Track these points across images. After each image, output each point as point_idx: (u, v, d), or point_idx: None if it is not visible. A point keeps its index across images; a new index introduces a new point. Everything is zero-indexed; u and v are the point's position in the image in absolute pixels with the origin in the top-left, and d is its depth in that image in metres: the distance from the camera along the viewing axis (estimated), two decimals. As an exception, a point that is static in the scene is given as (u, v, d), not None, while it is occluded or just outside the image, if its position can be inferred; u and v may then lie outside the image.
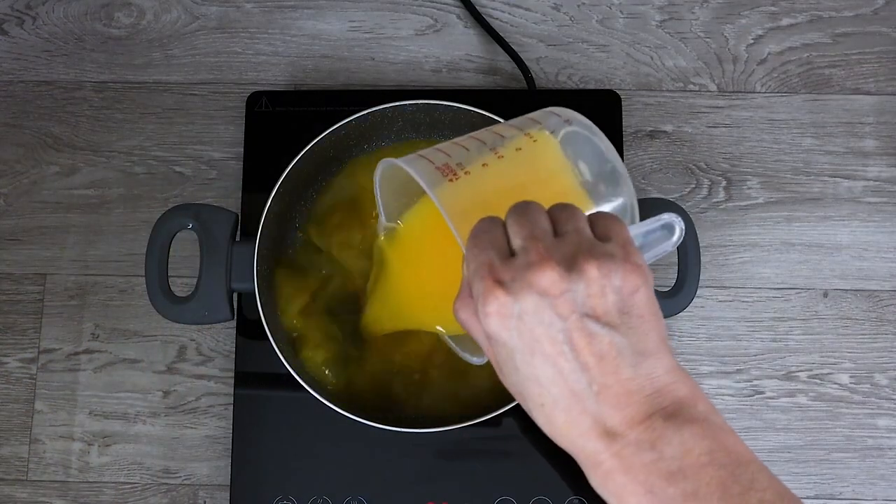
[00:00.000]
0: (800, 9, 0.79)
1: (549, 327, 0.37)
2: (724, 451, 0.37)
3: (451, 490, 0.67)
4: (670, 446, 0.36)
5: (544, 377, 0.38)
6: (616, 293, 0.37)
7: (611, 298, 0.37)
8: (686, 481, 0.36)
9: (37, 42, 0.79)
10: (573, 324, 0.37)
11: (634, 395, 0.37)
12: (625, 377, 0.37)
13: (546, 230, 0.39)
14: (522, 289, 0.37)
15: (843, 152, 0.76)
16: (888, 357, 0.72)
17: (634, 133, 0.76)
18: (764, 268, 0.73)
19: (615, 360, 0.37)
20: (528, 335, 0.38)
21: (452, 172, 0.45)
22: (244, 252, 0.63)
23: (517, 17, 0.79)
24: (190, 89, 0.78)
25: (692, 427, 0.37)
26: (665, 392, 0.38)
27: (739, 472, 0.37)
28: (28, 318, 0.73)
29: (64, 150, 0.77)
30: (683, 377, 0.38)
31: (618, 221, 0.40)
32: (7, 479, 0.71)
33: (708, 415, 0.38)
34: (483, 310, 0.38)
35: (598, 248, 0.38)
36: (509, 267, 0.38)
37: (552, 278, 0.37)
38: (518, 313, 0.37)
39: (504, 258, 0.38)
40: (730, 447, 0.37)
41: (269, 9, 0.79)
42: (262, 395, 0.69)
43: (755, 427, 0.71)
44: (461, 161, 0.46)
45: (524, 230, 0.39)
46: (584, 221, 0.40)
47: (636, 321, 0.38)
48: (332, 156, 0.68)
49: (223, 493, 0.70)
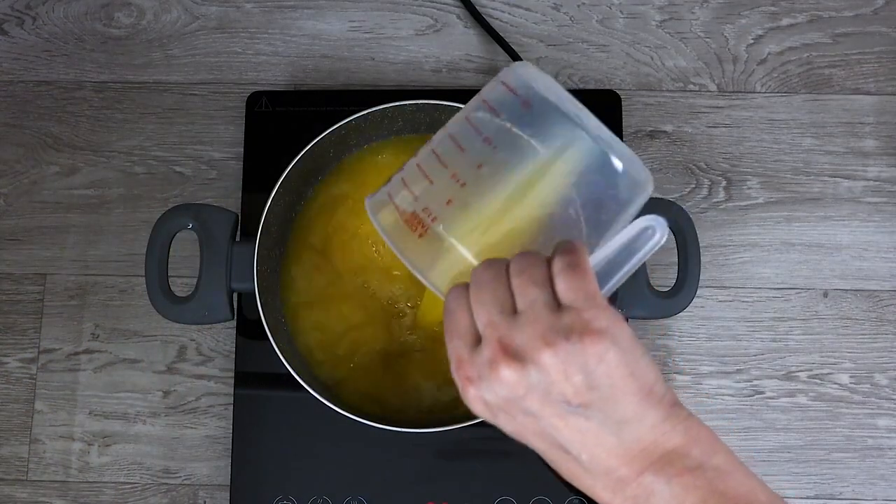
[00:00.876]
0: (800, 9, 0.79)
1: (525, 421, 0.39)
2: (718, 498, 0.37)
3: (451, 490, 0.67)
4: (662, 500, 0.37)
5: (541, 449, 0.40)
6: (581, 371, 0.37)
7: (576, 379, 0.37)
8: None
9: (37, 42, 0.79)
10: (546, 414, 0.38)
11: (623, 458, 0.38)
12: (610, 446, 0.38)
13: (504, 306, 0.39)
14: (491, 387, 0.38)
15: (843, 152, 0.76)
16: (888, 357, 0.72)
17: (634, 133, 0.76)
18: (764, 268, 0.73)
19: (596, 434, 0.38)
20: (511, 423, 0.40)
21: (420, 224, 0.43)
22: (244, 252, 0.63)
23: (517, 17, 0.79)
24: (190, 89, 0.78)
25: (682, 478, 0.37)
26: (654, 448, 0.38)
27: None
28: (28, 318, 0.73)
29: (64, 150, 0.77)
30: (674, 425, 0.38)
31: (580, 273, 0.39)
32: (7, 479, 0.71)
33: (703, 461, 0.38)
34: (465, 398, 0.40)
35: (555, 328, 0.37)
36: (475, 363, 0.39)
37: (511, 380, 0.38)
38: (494, 407, 0.39)
39: (471, 349, 0.40)
40: (727, 491, 0.37)
41: (269, 9, 0.79)
42: (262, 395, 0.69)
43: (755, 427, 0.71)
44: (427, 204, 0.44)
45: (483, 314, 0.39)
46: (541, 285, 0.39)
47: (608, 391, 0.37)
48: (332, 156, 0.68)
49: (223, 493, 0.70)
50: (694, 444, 0.38)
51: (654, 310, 0.62)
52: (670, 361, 0.72)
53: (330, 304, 0.67)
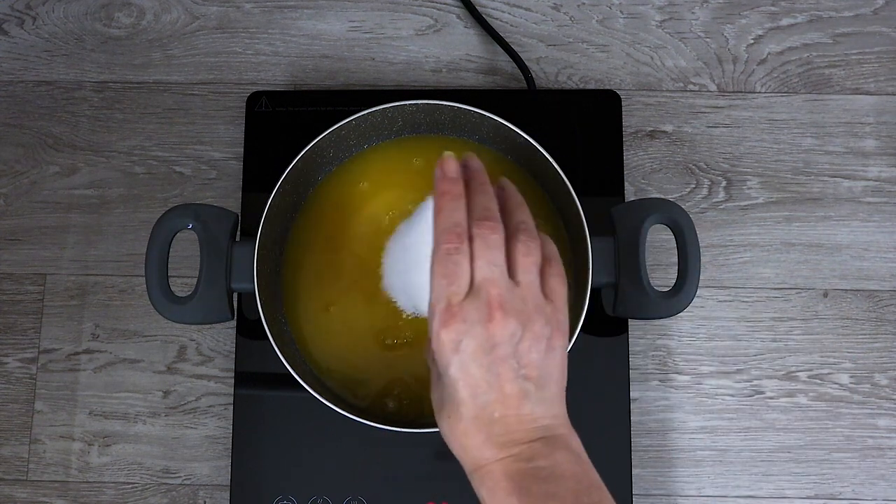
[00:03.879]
0: (800, 9, 0.79)
1: (484, 363, 0.45)
2: (585, 475, 0.45)
3: (451, 490, 0.67)
4: (544, 461, 0.44)
5: (461, 398, 0.45)
6: (540, 352, 0.45)
7: (535, 356, 0.45)
8: (550, 484, 0.44)
9: (37, 42, 0.79)
10: (503, 367, 0.45)
11: (525, 424, 0.45)
12: (524, 412, 0.45)
13: (506, 271, 0.45)
14: (474, 328, 0.44)
15: (843, 152, 0.76)
16: (888, 357, 0.72)
17: (634, 133, 0.76)
18: (764, 268, 0.73)
19: (521, 400, 0.45)
20: (461, 369, 0.45)
21: None
22: (244, 252, 0.63)
23: (517, 17, 0.79)
24: (190, 89, 0.78)
25: (564, 453, 0.45)
26: (549, 428, 0.46)
27: (592, 492, 0.45)
28: (28, 318, 0.73)
29: (64, 150, 0.77)
30: (566, 423, 0.47)
31: (563, 281, 0.47)
32: (7, 479, 0.71)
33: (579, 451, 0.46)
34: (438, 334, 0.45)
35: (539, 309, 0.46)
36: (464, 308, 0.45)
37: (496, 332, 0.44)
38: (462, 350, 0.45)
39: (464, 294, 0.45)
40: (591, 475, 0.45)
41: (269, 9, 0.79)
42: (262, 395, 0.69)
43: (755, 427, 0.71)
44: None
45: (486, 271, 0.45)
46: (537, 273, 0.46)
47: (546, 379, 0.46)
48: (332, 156, 0.68)
49: (223, 493, 0.70)
50: (574, 438, 0.47)
51: (654, 310, 0.62)
52: (670, 361, 0.72)
53: (330, 304, 0.67)
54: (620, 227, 0.62)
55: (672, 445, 0.71)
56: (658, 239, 0.72)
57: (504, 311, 0.44)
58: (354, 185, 0.69)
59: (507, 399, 0.45)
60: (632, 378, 0.70)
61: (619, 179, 0.73)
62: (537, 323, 0.45)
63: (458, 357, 0.45)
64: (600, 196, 0.72)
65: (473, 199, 0.47)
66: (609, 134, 0.74)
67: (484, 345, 0.44)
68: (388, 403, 0.65)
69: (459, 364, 0.45)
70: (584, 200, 0.62)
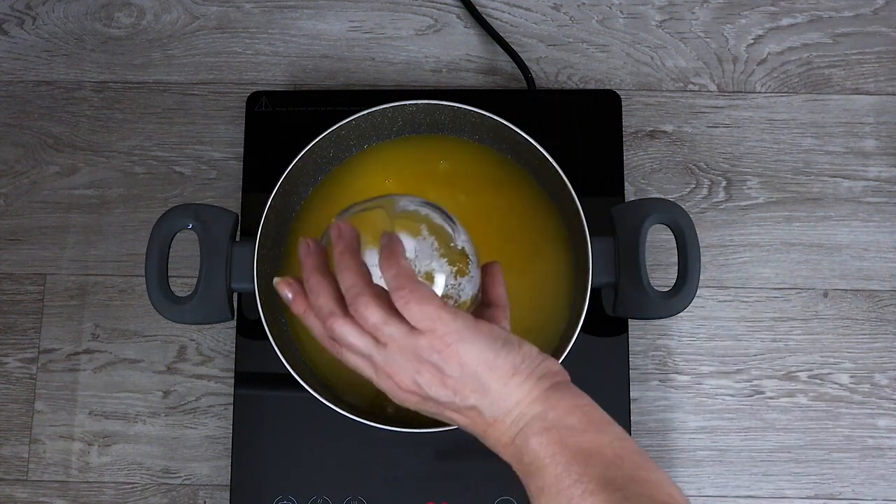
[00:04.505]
0: (800, 9, 0.79)
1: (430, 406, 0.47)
2: (567, 450, 0.44)
3: (451, 490, 0.67)
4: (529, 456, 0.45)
5: (462, 426, 0.48)
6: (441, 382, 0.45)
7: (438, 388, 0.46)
8: None
9: (37, 42, 0.79)
10: (443, 399, 0.46)
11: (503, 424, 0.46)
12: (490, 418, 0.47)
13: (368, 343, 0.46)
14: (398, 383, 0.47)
15: (843, 152, 0.76)
16: (888, 357, 0.72)
17: (634, 133, 0.76)
18: (764, 268, 0.73)
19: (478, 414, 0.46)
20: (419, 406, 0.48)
21: None
22: (244, 252, 0.63)
23: (517, 17, 0.79)
24: (190, 89, 0.78)
25: (539, 437, 0.45)
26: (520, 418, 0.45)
27: None
28: (28, 318, 0.73)
29: (64, 150, 0.77)
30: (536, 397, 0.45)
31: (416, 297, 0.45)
32: (7, 479, 0.71)
33: (557, 422, 0.45)
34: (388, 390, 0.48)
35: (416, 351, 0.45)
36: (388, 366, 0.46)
37: (409, 381, 0.46)
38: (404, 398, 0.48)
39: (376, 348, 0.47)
40: (574, 445, 0.45)
41: (269, 9, 0.79)
42: (262, 395, 0.69)
43: (755, 427, 0.71)
44: None
45: (349, 356, 0.48)
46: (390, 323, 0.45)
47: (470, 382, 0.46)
48: (332, 156, 0.68)
49: (223, 493, 0.70)
50: (551, 409, 0.45)
51: (654, 310, 0.62)
52: (670, 361, 0.72)
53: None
54: (620, 227, 0.62)
55: (672, 445, 0.71)
56: (658, 239, 0.72)
57: (392, 372, 0.46)
58: (354, 185, 0.69)
59: (475, 420, 0.46)
60: (632, 378, 0.70)
61: (619, 179, 0.73)
62: (423, 367, 0.45)
63: (414, 402, 0.48)
64: (600, 196, 0.72)
65: None
66: (609, 134, 0.74)
67: (412, 392, 0.47)
68: (387, 408, 0.65)
69: (416, 406, 0.48)
70: (584, 200, 0.62)
